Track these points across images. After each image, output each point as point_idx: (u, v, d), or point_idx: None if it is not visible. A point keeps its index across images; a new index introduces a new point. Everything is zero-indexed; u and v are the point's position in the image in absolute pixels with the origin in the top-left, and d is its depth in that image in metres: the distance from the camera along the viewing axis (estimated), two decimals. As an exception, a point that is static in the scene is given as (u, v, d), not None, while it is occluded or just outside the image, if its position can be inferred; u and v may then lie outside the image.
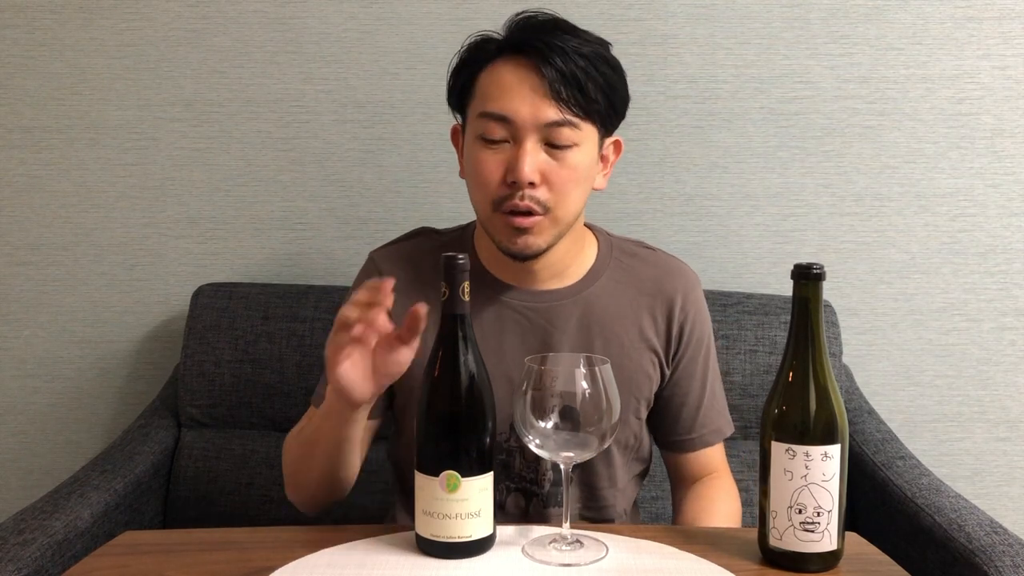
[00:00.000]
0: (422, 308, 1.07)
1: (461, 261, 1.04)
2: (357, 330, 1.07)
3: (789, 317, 1.08)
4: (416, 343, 1.10)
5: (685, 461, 1.41)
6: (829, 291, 1.81)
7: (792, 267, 1.06)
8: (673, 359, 1.37)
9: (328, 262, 1.95)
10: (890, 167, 1.91)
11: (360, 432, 1.21)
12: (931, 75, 1.89)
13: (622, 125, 1.32)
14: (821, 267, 1.05)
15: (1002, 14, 1.87)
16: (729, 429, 1.43)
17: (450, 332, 1.05)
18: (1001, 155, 1.90)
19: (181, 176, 1.94)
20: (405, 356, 1.11)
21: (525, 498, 1.33)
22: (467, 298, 1.05)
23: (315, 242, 1.95)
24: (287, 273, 1.95)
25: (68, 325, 1.97)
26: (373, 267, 1.37)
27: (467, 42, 1.29)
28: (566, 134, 1.23)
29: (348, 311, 1.08)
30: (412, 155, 1.92)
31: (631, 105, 1.31)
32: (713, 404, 1.40)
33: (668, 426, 1.40)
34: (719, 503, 1.37)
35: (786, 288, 1.22)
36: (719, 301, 1.79)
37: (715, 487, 1.40)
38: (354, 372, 1.10)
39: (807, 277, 1.05)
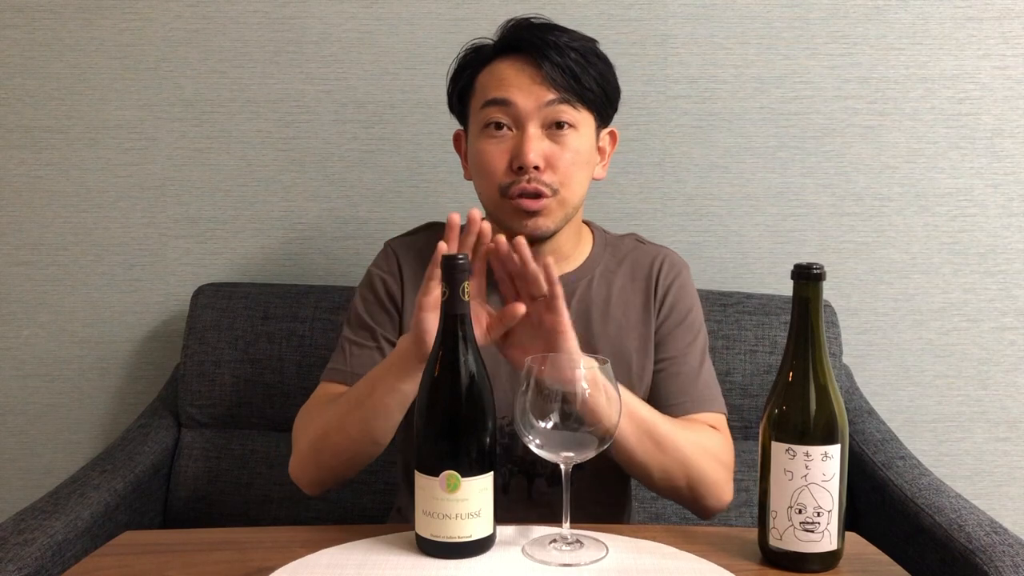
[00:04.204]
0: (520, 308, 1.16)
1: (461, 261, 1.04)
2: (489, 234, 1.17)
3: (789, 317, 1.08)
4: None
5: None
6: (829, 291, 1.81)
7: (792, 267, 1.06)
8: (657, 330, 1.37)
9: (328, 262, 1.95)
10: (890, 167, 1.91)
11: (413, 391, 1.19)
12: (931, 75, 1.89)
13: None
14: (821, 267, 1.05)
15: (1002, 14, 1.87)
16: (716, 404, 1.36)
17: (450, 332, 1.05)
18: (1001, 155, 1.90)
19: (181, 176, 1.94)
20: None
21: (527, 479, 1.34)
22: (467, 298, 1.06)
23: (315, 242, 1.95)
24: (287, 273, 1.95)
25: (68, 325, 1.97)
26: (391, 253, 1.42)
27: (463, 49, 1.36)
28: (565, 113, 1.29)
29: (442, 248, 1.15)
30: (412, 155, 1.92)
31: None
32: (699, 380, 1.36)
33: (652, 400, 1.34)
34: (705, 431, 1.31)
35: (786, 288, 1.22)
36: (719, 301, 1.78)
37: (701, 422, 1.33)
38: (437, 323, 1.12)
39: (807, 277, 1.05)
